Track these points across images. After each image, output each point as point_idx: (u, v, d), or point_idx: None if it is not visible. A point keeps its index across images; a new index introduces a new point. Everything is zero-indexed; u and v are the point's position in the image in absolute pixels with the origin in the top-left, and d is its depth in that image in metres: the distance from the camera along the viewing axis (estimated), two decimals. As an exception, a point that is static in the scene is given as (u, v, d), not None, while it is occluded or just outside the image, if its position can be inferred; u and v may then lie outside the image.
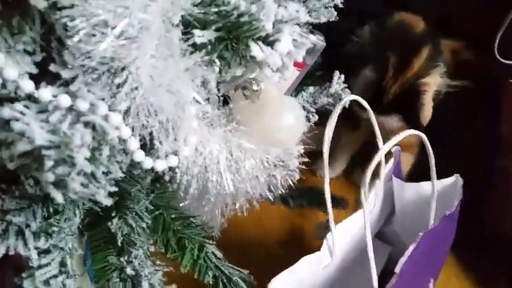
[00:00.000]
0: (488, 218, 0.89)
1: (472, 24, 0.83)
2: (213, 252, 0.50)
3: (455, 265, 0.87)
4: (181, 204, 0.52)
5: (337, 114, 0.47)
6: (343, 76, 0.59)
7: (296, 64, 0.52)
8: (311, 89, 0.59)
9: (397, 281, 0.48)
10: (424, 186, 0.60)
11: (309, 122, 0.57)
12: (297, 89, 0.58)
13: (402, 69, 0.72)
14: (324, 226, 0.61)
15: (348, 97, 0.49)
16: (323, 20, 0.45)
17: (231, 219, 0.61)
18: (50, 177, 0.32)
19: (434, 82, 0.74)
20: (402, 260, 0.48)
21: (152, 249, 0.48)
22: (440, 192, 0.59)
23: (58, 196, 0.33)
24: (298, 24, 0.37)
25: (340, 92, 0.59)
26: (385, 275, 0.48)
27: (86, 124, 0.33)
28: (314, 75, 0.62)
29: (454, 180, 0.60)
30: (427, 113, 0.74)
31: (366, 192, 0.44)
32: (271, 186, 0.49)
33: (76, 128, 0.32)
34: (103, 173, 0.34)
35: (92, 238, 0.48)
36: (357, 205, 0.75)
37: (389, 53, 0.73)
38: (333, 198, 0.74)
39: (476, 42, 0.84)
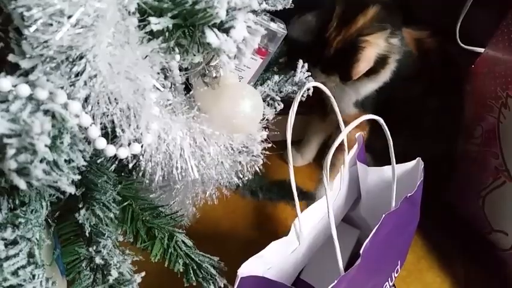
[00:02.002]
0: (452, 199, 0.92)
1: (433, 10, 0.86)
2: (182, 241, 0.51)
3: (424, 246, 0.89)
4: (151, 196, 0.53)
5: (298, 101, 0.48)
6: (306, 64, 0.61)
7: (259, 52, 0.53)
8: (276, 77, 0.60)
9: (362, 262, 0.49)
10: (386, 170, 0.62)
11: (275, 110, 0.58)
12: (262, 78, 0.59)
13: (346, 22, 0.72)
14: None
15: (310, 84, 0.50)
16: (279, 7, 0.46)
17: (205, 211, 0.62)
18: (13, 164, 0.33)
19: (376, 42, 0.73)
20: (366, 241, 0.50)
21: (121, 239, 0.49)
22: (403, 175, 0.61)
23: (21, 183, 0.33)
24: (255, 12, 0.39)
25: (305, 80, 0.60)
26: (355, 258, 0.49)
27: (46, 112, 0.33)
28: (279, 63, 0.63)
29: (415, 164, 0.62)
30: (360, 69, 0.73)
31: (327, 174, 0.46)
32: (239, 173, 0.50)
33: (36, 116, 0.33)
34: (65, 161, 0.35)
35: (61, 231, 0.48)
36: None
37: (336, 4, 0.73)
38: (301, 192, 0.76)
39: (438, 29, 0.86)
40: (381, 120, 0.50)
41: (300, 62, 0.61)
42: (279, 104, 0.58)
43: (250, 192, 0.70)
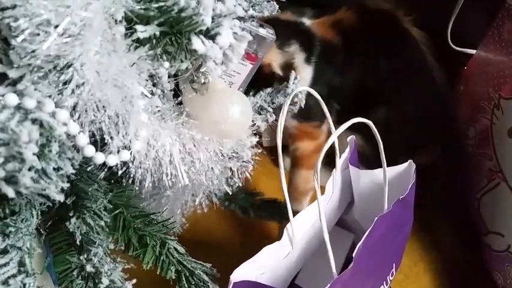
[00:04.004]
0: (449, 201, 0.92)
1: (423, 12, 0.86)
2: (175, 248, 0.51)
3: (421, 249, 0.89)
4: (142, 203, 0.53)
5: (287, 106, 0.49)
6: (299, 76, 0.61)
7: (249, 57, 0.54)
8: (268, 88, 0.60)
9: (355, 266, 0.49)
10: (378, 173, 0.62)
11: (267, 121, 0.58)
12: (255, 89, 0.60)
13: None
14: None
15: (299, 88, 0.50)
16: (266, 13, 0.47)
17: (197, 218, 0.62)
18: (1, 173, 0.33)
19: (269, 58, 0.74)
20: (359, 244, 0.50)
21: (113, 247, 0.49)
22: (395, 178, 0.61)
23: (10, 191, 0.34)
24: (242, 18, 0.39)
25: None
26: (350, 262, 0.49)
27: (34, 121, 0.34)
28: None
29: (407, 166, 0.62)
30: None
31: (318, 178, 0.46)
32: (229, 179, 0.50)
33: (24, 125, 0.33)
34: (54, 169, 0.35)
35: (53, 241, 0.48)
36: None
37: None
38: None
39: (429, 30, 0.86)
40: (371, 124, 0.50)
41: (293, 73, 0.61)
42: (271, 116, 0.58)
43: (241, 210, 0.70)
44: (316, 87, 0.79)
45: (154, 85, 0.41)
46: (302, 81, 0.78)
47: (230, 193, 0.50)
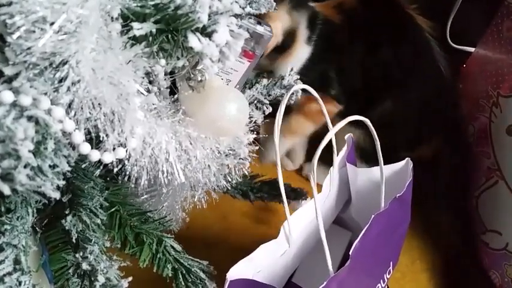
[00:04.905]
0: (447, 198, 0.92)
1: (422, 11, 0.86)
2: (171, 246, 0.51)
3: (418, 248, 0.90)
4: (139, 201, 0.53)
5: (286, 103, 0.49)
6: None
7: (246, 55, 0.53)
8: (265, 81, 0.60)
9: (352, 264, 0.49)
10: (375, 171, 0.62)
11: (264, 113, 0.58)
12: (251, 81, 0.60)
13: None
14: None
15: (297, 86, 0.50)
16: (263, 11, 0.46)
17: (195, 216, 0.62)
18: (-4, 171, 0.33)
19: (277, 15, 0.72)
20: (355, 242, 0.50)
21: (109, 245, 0.49)
22: (392, 176, 0.61)
23: (5, 189, 0.33)
24: (239, 16, 0.39)
25: (293, 83, 0.60)
26: (347, 260, 0.49)
27: (29, 118, 0.34)
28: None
29: (405, 164, 0.62)
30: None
31: (314, 175, 0.46)
32: (227, 176, 0.50)
33: (19, 122, 0.33)
34: (50, 166, 0.35)
35: (49, 239, 0.48)
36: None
37: None
38: (293, 190, 0.76)
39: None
40: (368, 122, 0.50)
41: (289, 65, 0.61)
42: (267, 108, 0.58)
43: (241, 194, 0.70)
44: (313, 67, 0.80)
45: (150, 82, 0.41)
46: (297, 60, 0.79)
47: (229, 188, 0.50)
